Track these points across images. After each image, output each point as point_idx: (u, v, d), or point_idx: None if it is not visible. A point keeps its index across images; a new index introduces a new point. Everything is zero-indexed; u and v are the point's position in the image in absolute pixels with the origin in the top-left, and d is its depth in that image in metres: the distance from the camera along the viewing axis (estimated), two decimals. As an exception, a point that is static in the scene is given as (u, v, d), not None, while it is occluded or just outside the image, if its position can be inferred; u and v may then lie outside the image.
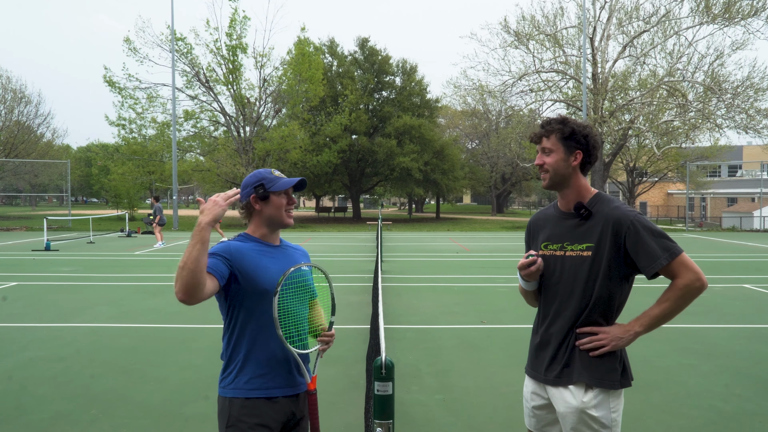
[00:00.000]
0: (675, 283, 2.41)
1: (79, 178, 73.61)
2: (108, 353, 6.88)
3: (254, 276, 2.44)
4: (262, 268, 2.47)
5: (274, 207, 2.54)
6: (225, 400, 2.47)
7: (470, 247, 21.41)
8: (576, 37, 34.40)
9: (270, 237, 2.60)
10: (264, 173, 2.57)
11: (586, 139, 2.53)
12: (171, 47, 32.30)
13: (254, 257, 2.48)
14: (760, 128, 32.16)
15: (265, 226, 2.58)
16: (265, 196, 2.53)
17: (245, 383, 2.45)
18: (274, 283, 2.43)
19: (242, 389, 2.44)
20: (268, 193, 2.53)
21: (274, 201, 2.54)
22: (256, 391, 2.45)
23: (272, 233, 2.60)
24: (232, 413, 2.43)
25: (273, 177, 2.56)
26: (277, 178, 2.56)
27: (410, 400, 5.29)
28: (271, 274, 2.47)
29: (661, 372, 6.20)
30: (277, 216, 2.55)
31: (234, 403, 2.44)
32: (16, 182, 52.45)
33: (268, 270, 2.47)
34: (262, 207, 2.55)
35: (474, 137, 58.53)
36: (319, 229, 32.69)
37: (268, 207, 2.54)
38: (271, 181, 2.54)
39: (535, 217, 2.78)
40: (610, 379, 2.44)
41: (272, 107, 36.35)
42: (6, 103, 44.15)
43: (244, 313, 2.47)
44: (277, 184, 2.54)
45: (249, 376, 2.45)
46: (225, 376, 2.51)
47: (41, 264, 15.60)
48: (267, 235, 2.59)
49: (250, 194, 2.55)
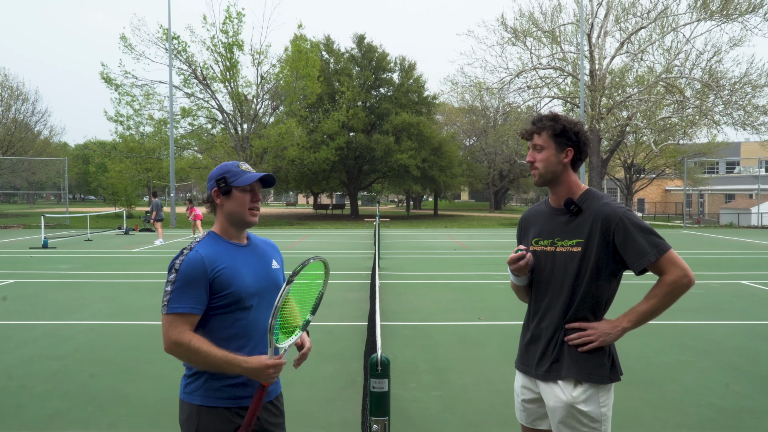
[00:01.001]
0: (663, 280, 2.44)
1: (77, 175, 73.53)
2: (106, 351, 6.87)
3: (229, 285, 2.27)
4: (237, 275, 2.30)
5: (236, 203, 2.36)
6: (192, 407, 2.30)
7: (468, 244, 21.42)
8: (573, 33, 34.38)
9: (237, 236, 2.42)
10: (230, 166, 2.39)
11: (577, 135, 2.55)
12: (168, 45, 32.23)
13: (227, 263, 2.30)
14: (757, 125, 32.19)
15: (229, 224, 2.40)
16: (227, 190, 2.35)
17: (217, 390, 2.29)
18: (248, 289, 2.30)
19: (214, 398, 2.29)
20: (230, 187, 2.35)
21: (237, 197, 2.36)
22: (229, 401, 2.29)
23: (238, 231, 2.42)
24: (202, 422, 2.28)
25: (238, 171, 2.38)
26: (243, 172, 2.37)
27: (407, 397, 5.29)
28: (245, 279, 2.32)
29: (658, 369, 6.21)
30: (239, 213, 2.36)
31: (205, 411, 2.28)
32: (14, 180, 52.34)
33: (241, 276, 2.31)
34: (223, 202, 2.37)
35: (472, 134, 58.53)
36: (316, 227, 32.69)
37: (230, 202, 2.36)
38: (235, 175, 2.36)
39: (526, 213, 2.79)
40: (599, 374, 2.45)
41: (269, 104, 36.34)
42: (3, 101, 44.04)
43: (217, 323, 2.30)
44: (241, 178, 2.35)
45: (222, 384, 2.29)
46: (191, 381, 2.33)
47: (39, 261, 15.57)
48: (233, 234, 2.41)
49: (212, 187, 2.39)
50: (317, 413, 4.96)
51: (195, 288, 2.22)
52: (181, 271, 2.22)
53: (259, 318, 2.35)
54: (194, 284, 2.22)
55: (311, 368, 6.02)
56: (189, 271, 2.22)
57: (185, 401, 2.33)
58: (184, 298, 2.21)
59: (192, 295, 2.21)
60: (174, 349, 2.21)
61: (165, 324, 2.22)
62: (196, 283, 2.22)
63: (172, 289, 2.22)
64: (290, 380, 5.69)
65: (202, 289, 2.23)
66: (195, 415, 2.29)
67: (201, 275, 2.23)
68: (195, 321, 2.24)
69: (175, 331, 2.19)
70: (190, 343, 2.18)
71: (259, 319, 2.35)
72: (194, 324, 2.24)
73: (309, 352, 2.47)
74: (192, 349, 2.18)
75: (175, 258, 2.28)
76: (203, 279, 2.23)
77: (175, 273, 2.23)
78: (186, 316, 2.21)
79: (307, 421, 4.80)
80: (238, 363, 2.18)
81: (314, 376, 5.84)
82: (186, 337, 2.19)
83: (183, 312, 2.20)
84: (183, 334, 2.19)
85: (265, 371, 2.19)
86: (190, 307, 2.21)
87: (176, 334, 2.19)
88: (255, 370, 2.19)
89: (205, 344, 2.19)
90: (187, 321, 2.22)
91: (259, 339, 2.34)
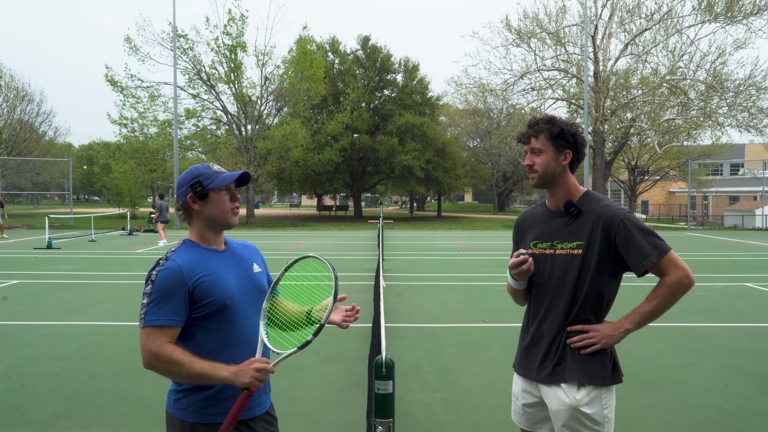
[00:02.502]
0: (664, 281, 2.44)
1: (81, 176, 73.71)
2: (109, 351, 6.89)
3: (210, 293, 2.16)
4: (218, 283, 2.19)
5: (216, 206, 2.25)
6: (185, 424, 2.19)
7: (471, 246, 21.41)
8: (578, 35, 34.36)
9: (215, 241, 2.31)
10: (201, 168, 2.29)
11: (574, 137, 2.55)
12: (173, 45, 32.31)
13: (207, 272, 2.18)
14: (761, 127, 32.14)
15: (207, 229, 2.28)
16: (203, 194, 2.24)
17: (211, 407, 2.18)
18: (231, 294, 2.20)
19: (208, 414, 2.18)
20: (207, 190, 2.24)
21: (215, 199, 2.25)
22: (223, 416, 2.17)
23: (216, 236, 2.31)
24: None
25: (211, 172, 2.27)
26: (217, 173, 2.27)
27: (411, 399, 5.29)
28: (227, 286, 2.21)
29: (662, 371, 6.20)
30: (220, 215, 2.26)
31: (199, 428, 2.18)
32: (18, 180, 52.55)
33: (223, 283, 2.20)
34: (201, 207, 2.25)
35: (475, 135, 58.47)
36: (320, 228, 32.71)
37: (208, 206, 2.25)
38: (209, 177, 2.26)
39: (522, 215, 2.78)
40: (601, 376, 2.45)
41: (274, 105, 36.38)
42: (9, 101, 44.23)
43: (198, 332, 2.19)
44: (217, 179, 2.25)
45: (216, 400, 2.18)
46: (181, 396, 2.21)
47: (43, 262, 15.62)
48: (211, 239, 2.30)
49: (186, 193, 2.26)
50: (321, 415, 4.96)
51: (173, 299, 2.11)
52: (158, 283, 2.12)
53: (247, 325, 2.26)
54: (172, 295, 2.11)
55: (315, 369, 6.02)
56: (166, 282, 2.12)
57: (176, 417, 2.22)
58: (162, 310, 2.10)
59: (170, 306, 2.11)
60: (154, 363, 2.10)
61: (143, 338, 2.11)
62: (174, 294, 2.12)
63: (149, 302, 2.12)
64: (294, 382, 5.70)
65: (180, 300, 2.12)
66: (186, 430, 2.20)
67: (179, 286, 2.12)
68: (174, 334, 2.13)
69: (154, 344, 2.08)
70: (171, 355, 2.07)
71: (247, 326, 2.26)
72: (173, 337, 2.13)
73: (357, 313, 2.53)
74: (174, 361, 2.06)
75: (151, 269, 2.17)
76: (181, 289, 2.13)
77: (152, 284, 2.13)
78: (164, 329, 2.10)
79: (311, 422, 4.80)
80: (223, 367, 2.08)
81: (318, 377, 5.84)
82: (166, 349, 2.08)
83: (161, 324, 2.10)
84: (162, 347, 2.08)
85: (250, 372, 2.07)
86: (168, 319, 2.10)
87: (155, 347, 2.08)
88: (240, 372, 2.07)
89: (187, 356, 2.08)
90: (166, 333, 2.10)
91: (250, 348, 2.24)
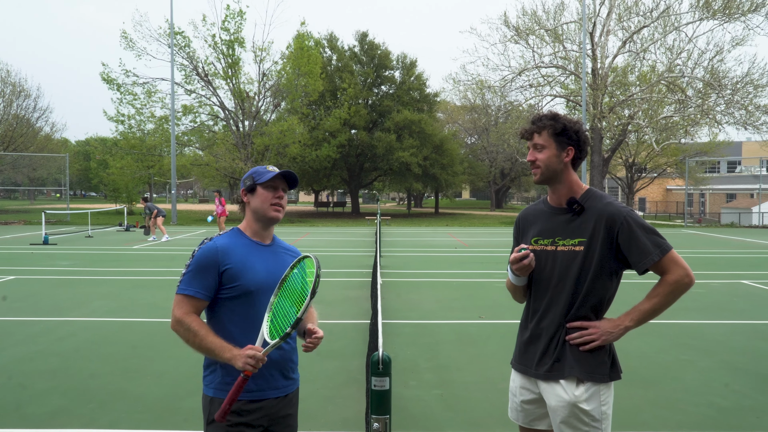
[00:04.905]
0: (665, 279, 2.45)
1: (78, 172, 73.53)
2: (106, 348, 6.87)
3: (239, 277, 2.40)
4: (249, 269, 2.43)
5: (259, 199, 2.52)
6: (207, 398, 2.44)
7: (469, 243, 21.42)
8: (576, 32, 34.34)
9: (261, 234, 2.57)
10: (258, 168, 2.58)
11: (577, 134, 2.55)
12: (170, 41, 32.22)
13: (240, 257, 2.44)
14: (759, 124, 32.17)
15: (255, 221, 2.56)
16: (252, 188, 2.54)
17: (228, 384, 2.37)
18: (259, 283, 2.42)
19: (224, 390, 2.37)
20: (255, 185, 2.53)
21: (260, 193, 2.52)
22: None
23: (264, 229, 2.57)
24: (213, 411, 2.37)
25: (264, 170, 2.56)
26: (267, 172, 2.55)
27: (408, 395, 5.29)
28: (257, 274, 2.43)
29: (659, 368, 6.21)
30: (262, 208, 2.52)
31: (215, 402, 2.39)
32: (15, 176, 52.31)
33: (254, 270, 2.44)
34: (249, 199, 2.55)
35: (473, 132, 58.46)
36: (317, 224, 32.69)
37: (254, 199, 2.53)
38: (260, 174, 2.55)
39: (524, 212, 2.78)
40: (600, 373, 2.46)
41: (271, 101, 36.30)
42: (5, 97, 44.04)
43: (226, 313, 2.43)
44: (265, 176, 2.53)
45: (232, 377, 2.35)
46: (207, 374, 2.47)
47: (39, 258, 15.58)
48: (258, 231, 2.56)
49: (242, 188, 2.59)
50: (318, 411, 4.96)
51: (204, 275, 2.38)
52: (196, 258, 2.41)
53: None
54: (204, 271, 2.39)
55: (312, 366, 6.02)
56: (202, 259, 2.40)
57: (204, 392, 2.47)
58: (194, 282, 2.38)
59: (200, 280, 2.38)
60: (176, 327, 2.37)
61: (174, 303, 2.40)
62: (207, 271, 2.39)
63: (185, 272, 2.41)
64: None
65: (210, 277, 2.39)
66: (208, 405, 2.42)
67: (212, 264, 2.39)
68: (200, 306, 2.39)
69: (180, 311, 2.37)
70: (191, 324, 2.33)
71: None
72: (199, 308, 2.39)
73: (318, 342, 2.45)
74: (191, 330, 2.32)
75: (200, 244, 2.48)
76: (213, 268, 2.39)
77: (192, 258, 2.43)
78: (191, 299, 2.37)
79: (308, 419, 4.79)
80: (229, 349, 2.28)
81: (315, 374, 5.84)
82: (188, 318, 2.35)
83: (189, 294, 2.37)
84: (186, 315, 2.35)
85: (243, 357, 2.21)
86: (195, 291, 2.37)
87: (180, 314, 2.36)
88: (237, 356, 2.23)
89: (204, 328, 2.34)
90: (192, 304, 2.37)
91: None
